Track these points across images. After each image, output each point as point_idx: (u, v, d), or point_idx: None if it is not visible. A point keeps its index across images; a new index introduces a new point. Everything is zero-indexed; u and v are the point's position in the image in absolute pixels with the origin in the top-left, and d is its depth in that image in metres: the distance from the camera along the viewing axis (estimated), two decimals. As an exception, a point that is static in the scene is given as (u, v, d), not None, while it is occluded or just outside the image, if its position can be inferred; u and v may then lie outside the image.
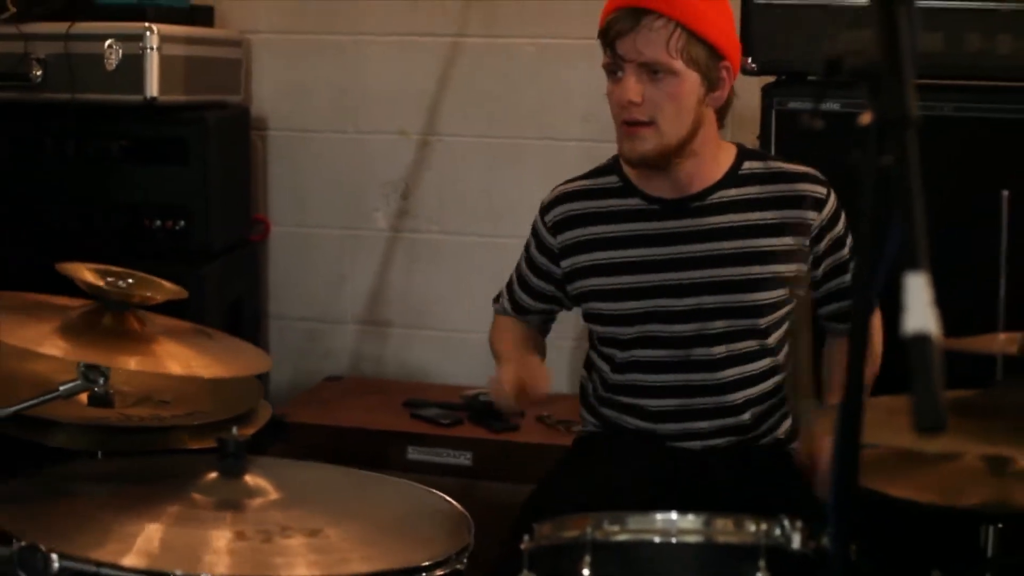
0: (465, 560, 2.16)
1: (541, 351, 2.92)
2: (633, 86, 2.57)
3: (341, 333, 4.26)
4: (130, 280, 2.43)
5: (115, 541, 2.01)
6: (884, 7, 1.49)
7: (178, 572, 1.91)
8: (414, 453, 3.53)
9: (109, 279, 2.40)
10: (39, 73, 3.74)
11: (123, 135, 3.79)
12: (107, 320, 2.38)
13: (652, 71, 2.57)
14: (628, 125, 2.60)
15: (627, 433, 2.77)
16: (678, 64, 2.55)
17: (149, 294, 2.40)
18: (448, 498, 2.39)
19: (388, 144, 4.18)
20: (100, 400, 2.47)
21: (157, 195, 3.78)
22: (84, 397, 2.45)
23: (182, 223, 3.76)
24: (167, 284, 2.47)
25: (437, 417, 3.65)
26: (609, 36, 2.61)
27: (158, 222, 3.78)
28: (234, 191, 4.04)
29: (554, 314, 2.95)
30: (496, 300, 3.01)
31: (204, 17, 4.12)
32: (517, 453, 3.48)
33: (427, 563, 2.04)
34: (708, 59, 2.58)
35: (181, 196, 3.77)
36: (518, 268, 2.93)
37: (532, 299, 2.90)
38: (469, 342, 4.09)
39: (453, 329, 4.16)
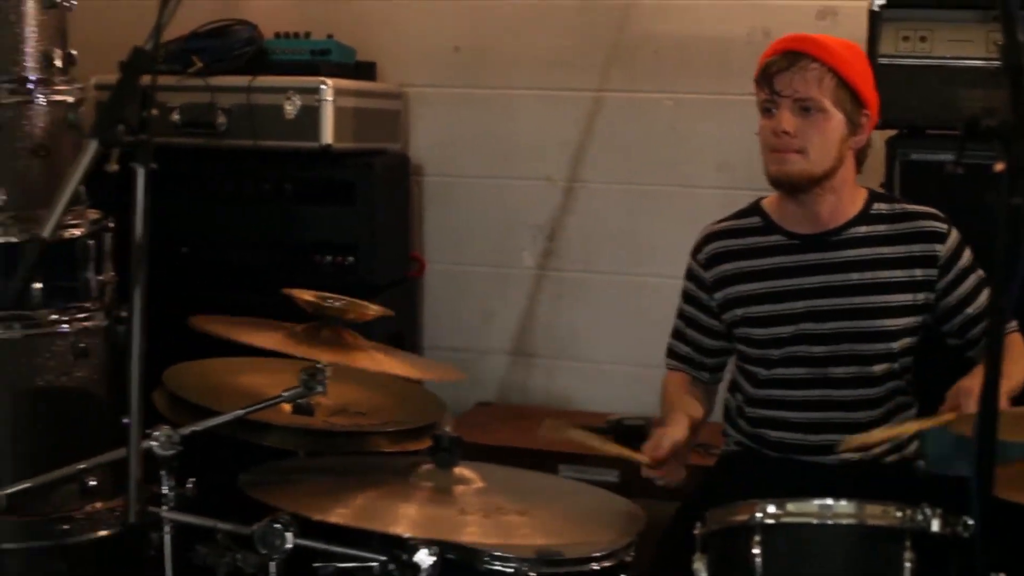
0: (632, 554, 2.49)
1: (704, 411, 3.19)
2: (788, 119, 2.91)
3: (491, 363, 4.58)
4: (342, 302, 2.78)
5: (358, 511, 2.37)
6: (1015, 74, 1.81)
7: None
8: (565, 470, 3.83)
9: (327, 300, 2.75)
10: (223, 121, 4.11)
11: (298, 179, 4.15)
12: (325, 334, 2.73)
13: (804, 107, 2.91)
14: (779, 151, 2.94)
15: (768, 447, 3.07)
16: (827, 103, 2.90)
17: (361, 311, 2.75)
18: (623, 498, 2.71)
19: (535, 189, 4.51)
20: (303, 409, 2.82)
21: (327, 233, 4.12)
22: (289, 406, 2.81)
23: (350, 259, 4.10)
24: (373, 305, 2.82)
25: (584, 439, 3.95)
26: (768, 74, 2.94)
27: (328, 258, 4.12)
28: (395, 231, 4.39)
29: (728, 352, 3.22)
30: (668, 356, 3.28)
31: (368, 72, 4.49)
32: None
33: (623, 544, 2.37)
34: (852, 104, 2.92)
35: (350, 235, 4.11)
36: (681, 316, 3.23)
37: (708, 337, 3.20)
38: (610, 372, 4.42)
39: (595, 360, 4.47)
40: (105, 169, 2.21)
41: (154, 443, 2.53)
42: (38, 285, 3.29)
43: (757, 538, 2.22)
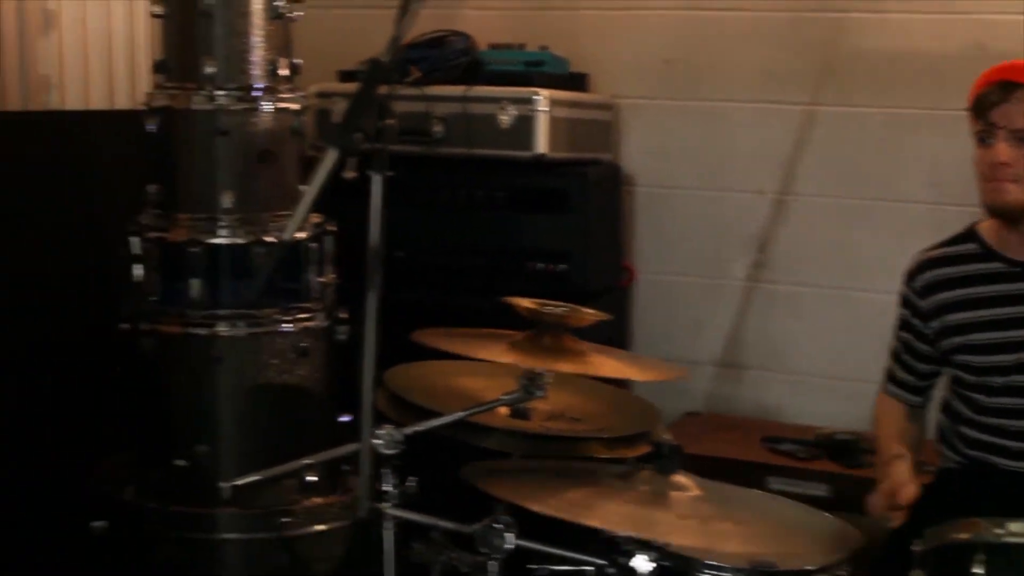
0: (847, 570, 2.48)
1: (917, 441, 3.20)
2: (1004, 150, 2.86)
3: (699, 373, 4.59)
4: (562, 308, 2.83)
5: (574, 504, 2.42)
6: None
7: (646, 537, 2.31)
8: (774, 483, 3.82)
9: (546, 307, 2.80)
10: (439, 130, 4.19)
11: (511, 187, 4.20)
12: (546, 341, 2.78)
13: (1020, 138, 2.86)
14: (995, 181, 2.90)
15: (987, 471, 3.03)
16: None
17: (580, 317, 2.79)
18: (836, 517, 2.70)
19: (747, 201, 4.51)
20: (520, 413, 2.87)
21: (540, 241, 4.17)
22: (506, 410, 2.86)
23: (563, 267, 4.15)
24: (591, 310, 2.86)
25: (794, 451, 3.94)
26: (983, 106, 2.90)
27: (540, 265, 4.18)
28: (607, 240, 4.43)
29: (938, 376, 3.21)
30: (888, 380, 3.28)
31: (580, 83, 4.54)
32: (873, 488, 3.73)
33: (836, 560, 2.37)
34: None
35: (563, 242, 4.16)
36: (897, 340, 3.21)
37: (922, 362, 3.18)
38: (821, 385, 4.40)
39: (806, 373, 4.46)
40: (343, 176, 2.28)
41: (378, 441, 2.59)
42: (255, 284, 3.39)
43: (980, 557, 2.20)
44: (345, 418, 3.40)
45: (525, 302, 2.83)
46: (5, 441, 3.77)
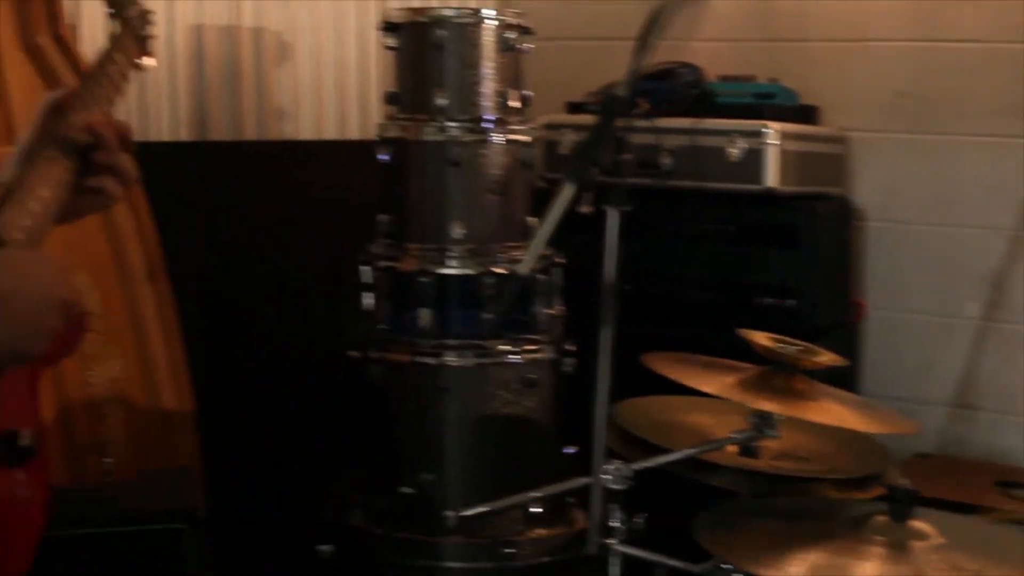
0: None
1: None
2: None
3: (929, 413, 4.46)
4: (796, 347, 2.78)
5: (797, 565, 2.34)
6: None
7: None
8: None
9: (779, 345, 2.75)
10: (668, 162, 4.17)
11: (740, 220, 4.15)
12: (777, 380, 2.73)
13: None
14: None
15: None
16: None
17: (815, 359, 2.73)
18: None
19: (981, 238, 4.38)
20: (749, 452, 2.83)
21: (768, 275, 4.11)
22: (734, 448, 2.82)
23: (791, 302, 4.08)
24: (827, 352, 2.80)
25: (1030, 497, 3.81)
26: None
27: (768, 300, 4.12)
28: (837, 275, 4.35)
29: None
30: None
31: (810, 115, 4.47)
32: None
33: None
34: None
35: (791, 277, 4.09)
36: None
37: None
38: (1058, 430, 4.25)
39: (1042, 417, 4.32)
40: (579, 210, 2.28)
41: (607, 477, 2.58)
42: (490, 316, 3.42)
43: None
44: (570, 450, 3.41)
45: (760, 337, 2.79)
46: (237, 463, 3.85)
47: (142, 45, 2.03)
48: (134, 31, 2.01)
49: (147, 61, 2.05)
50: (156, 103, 4.10)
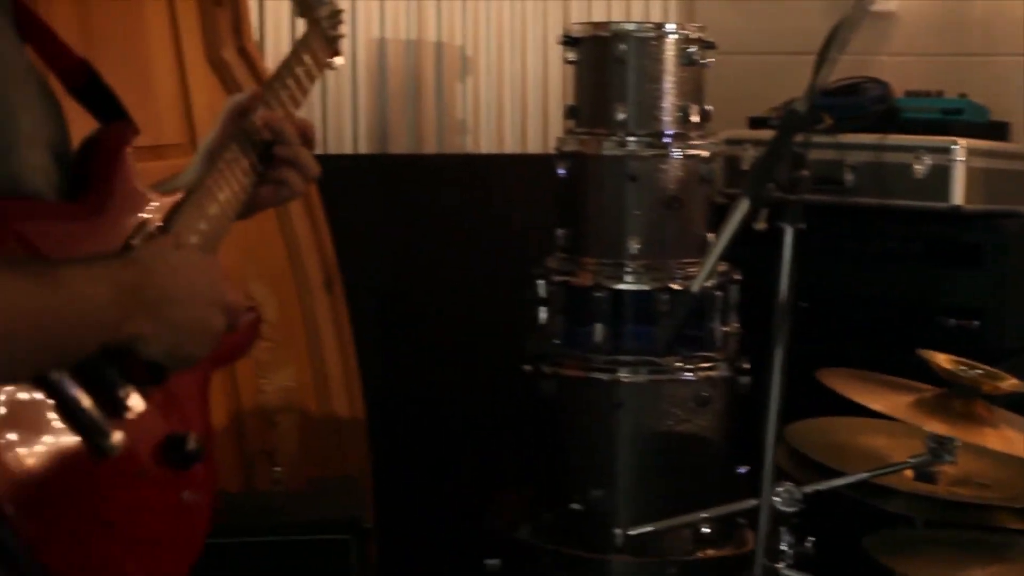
0: None
1: None
2: None
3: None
4: (978, 371, 2.69)
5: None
6: None
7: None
8: None
9: (961, 368, 2.67)
10: (851, 179, 4.08)
11: (924, 239, 4.04)
12: (956, 404, 2.65)
13: None
14: None
15: None
16: None
17: (998, 384, 2.65)
18: None
19: None
20: (925, 476, 2.75)
21: (953, 296, 3.99)
22: (910, 472, 2.75)
23: (976, 323, 3.96)
24: (1010, 377, 2.71)
25: None
26: None
27: (952, 321, 4.00)
28: (1024, 296, 4.22)
29: None
30: None
31: (1001, 132, 4.34)
32: None
33: None
34: None
35: (976, 298, 3.97)
36: None
37: None
38: None
39: None
40: (753, 227, 2.23)
41: (777, 499, 2.53)
42: (661, 332, 3.37)
43: None
44: (742, 469, 3.36)
45: (941, 358, 2.71)
46: (407, 474, 3.90)
47: (331, 45, 2.04)
48: (323, 31, 2.02)
49: (336, 60, 2.06)
50: (337, 116, 4.14)
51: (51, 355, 1.39)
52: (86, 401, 1.44)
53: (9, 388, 1.37)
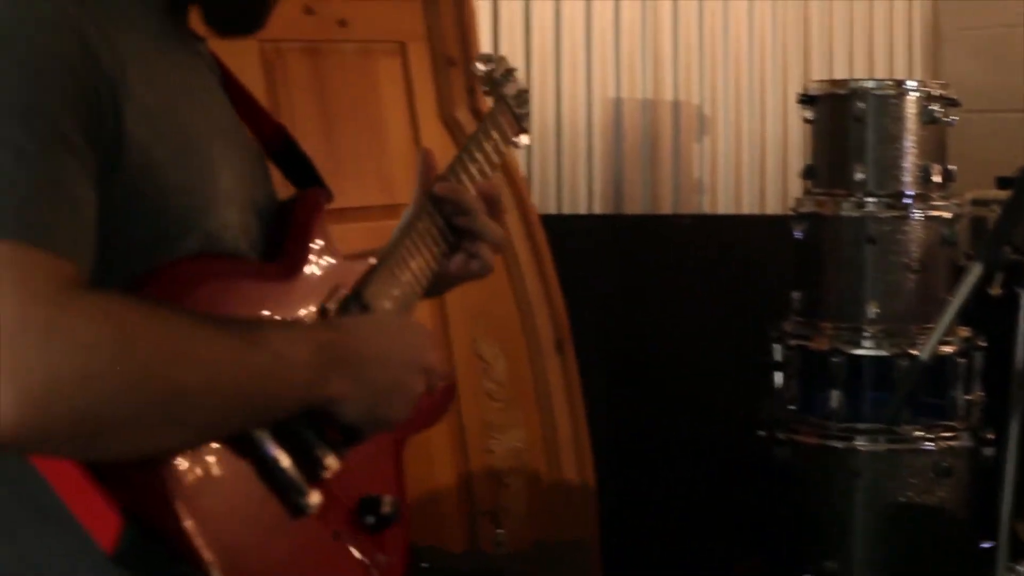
0: None
1: None
2: None
3: None
4: None
5: None
6: None
7: None
8: None
9: None
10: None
11: None
12: None
13: None
14: None
15: None
16: None
17: None
18: None
19: None
20: None
21: None
22: None
23: None
24: None
25: None
26: None
27: None
28: None
29: None
30: None
31: None
32: None
33: None
34: None
35: None
36: None
37: None
38: None
39: None
40: (988, 291, 2.13)
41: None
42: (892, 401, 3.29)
43: None
44: (987, 545, 3.21)
45: None
46: (635, 539, 3.83)
47: (519, 123, 2.03)
48: (510, 108, 2.01)
49: (522, 139, 2.05)
50: (572, 175, 4.13)
51: (251, 414, 1.39)
52: (285, 461, 1.43)
53: (210, 447, 1.38)
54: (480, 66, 2.01)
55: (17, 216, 1.24)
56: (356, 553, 1.56)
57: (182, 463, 1.34)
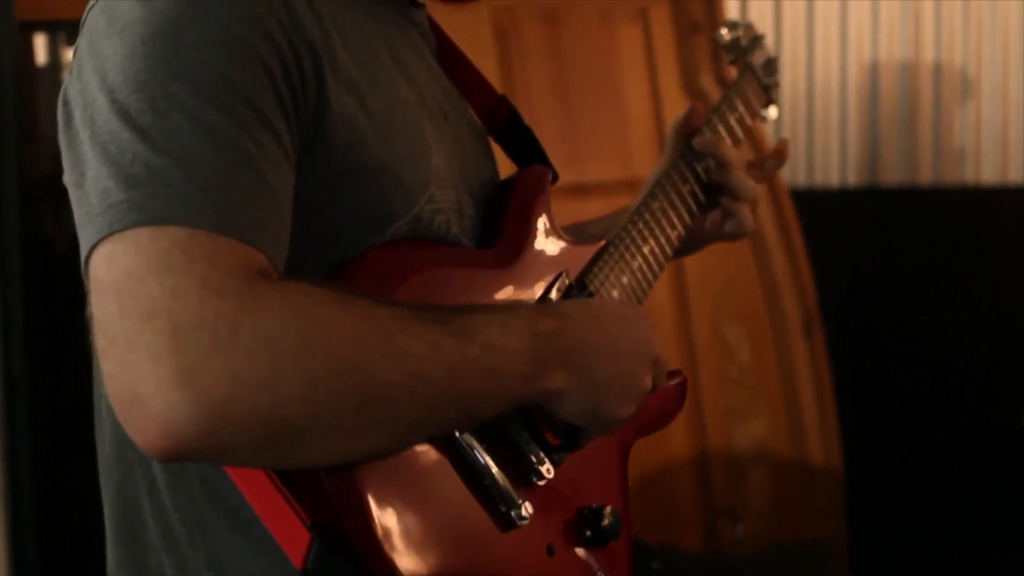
0: None
1: None
2: None
3: None
4: None
5: None
6: None
7: None
8: None
9: None
10: None
11: None
12: None
13: None
14: None
15: None
16: None
17: None
18: None
19: None
20: None
21: None
22: None
23: None
24: None
25: None
26: None
27: None
28: None
29: None
30: None
31: None
32: None
33: None
34: None
35: None
36: None
37: None
38: None
39: None
40: None
41: None
42: None
43: None
44: None
45: None
46: (885, 536, 3.68)
47: (767, 93, 1.89)
48: (758, 78, 1.87)
49: (771, 112, 1.91)
50: (824, 145, 3.99)
51: (459, 414, 1.26)
52: (495, 466, 1.30)
53: (411, 450, 1.25)
54: (724, 33, 1.89)
55: (203, 201, 1.13)
56: (573, 570, 1.41)
57: (379, 469, 1.22)
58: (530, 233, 1.46)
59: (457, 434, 1.28)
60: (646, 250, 1.60)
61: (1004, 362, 3.61)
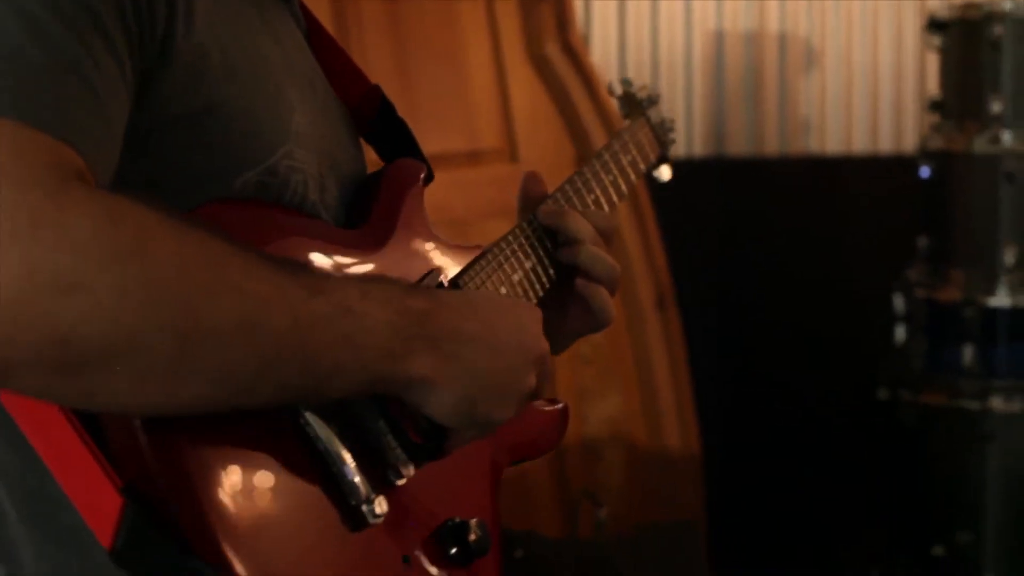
0: None
1: None
2: None
3: None
4: None
5: None
6: None
7: None
8: None
9: None
10: None
11: None
12: None
13: None
14: None
15: None
16: None
17: None
18: None
19: None
20: None
21: None
22: None
23: None
24: None
25: None
26: None
27: None
28: None
29: None
30: None
31: None
32: None
33: None
34: None
35: None
36: None
37: None
38: None
39: None
40: None
41: None
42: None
43: None
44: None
45: None
46: (745, 516, 3.72)
47: (662, 149, 1.77)
48: (654, 130, 1.75)
49: (664, 172, 1.80)
50: (670, 115, 3.90)
51: (304, 376, 1.11)
52: (345, 454, 1.16)
53: (250, 421, 1.11)
54: (617, 86, 1.78)
55: (19, 92, 1.04)
56: (428, 584, 1.28)
57: (209, 429, 1.09)
58: (399, 223, 1.35)
59: (302, 409, 1.15)
60: (528, 266, 1.45)
61: (857, 334, 3.62)
